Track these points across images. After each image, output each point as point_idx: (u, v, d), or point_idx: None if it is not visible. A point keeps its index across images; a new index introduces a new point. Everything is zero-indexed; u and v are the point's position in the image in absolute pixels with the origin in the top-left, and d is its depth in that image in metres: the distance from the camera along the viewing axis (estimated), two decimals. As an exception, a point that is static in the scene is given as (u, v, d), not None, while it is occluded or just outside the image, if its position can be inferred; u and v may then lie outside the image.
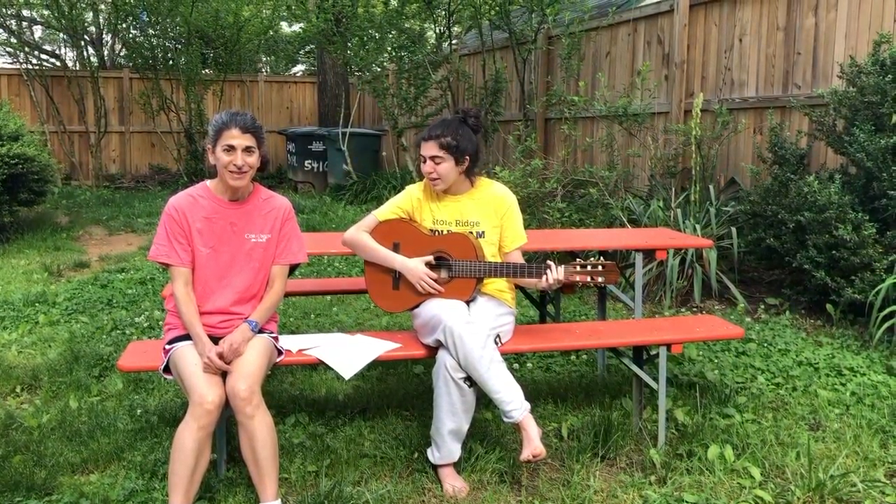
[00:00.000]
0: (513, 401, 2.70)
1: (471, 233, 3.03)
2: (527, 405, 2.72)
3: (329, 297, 5.42)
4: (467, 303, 2.97)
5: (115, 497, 2.67)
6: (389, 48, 10.31)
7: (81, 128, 12.78)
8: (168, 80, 12.75)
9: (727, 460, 2.92)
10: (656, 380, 3.16)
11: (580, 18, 7.72)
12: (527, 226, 3.34)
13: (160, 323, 4.68)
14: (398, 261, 3.00)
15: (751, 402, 3.52)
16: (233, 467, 2.87)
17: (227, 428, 2.86)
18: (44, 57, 13.94)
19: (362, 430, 3.23)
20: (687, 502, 2.67)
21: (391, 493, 2.73)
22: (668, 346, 3.11)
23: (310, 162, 11.83)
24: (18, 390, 3.74)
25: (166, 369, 2.70)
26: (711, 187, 5.76)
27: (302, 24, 11.85)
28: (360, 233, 3.08)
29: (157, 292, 5.56)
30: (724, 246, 5.36)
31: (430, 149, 2.99)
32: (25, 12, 13.77)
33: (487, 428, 3.24)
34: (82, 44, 13.37)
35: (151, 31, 12.70)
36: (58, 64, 13.43)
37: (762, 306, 5.02)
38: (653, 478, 2.86)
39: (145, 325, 4.73)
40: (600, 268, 2.83)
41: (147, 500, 2.66)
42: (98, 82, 12.50)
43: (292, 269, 2.94)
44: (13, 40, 12.62)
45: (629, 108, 6.37)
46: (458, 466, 2.87)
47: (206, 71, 13.48)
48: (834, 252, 4.47)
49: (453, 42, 10.53)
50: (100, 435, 3.15)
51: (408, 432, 3.17)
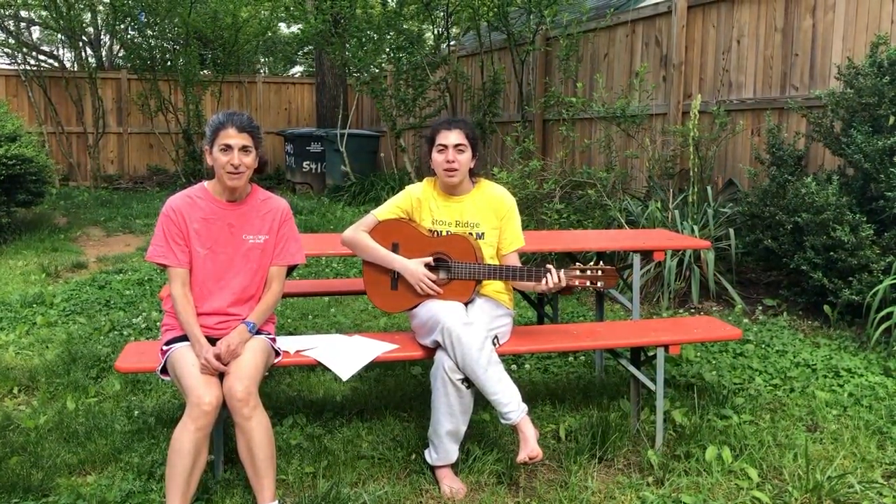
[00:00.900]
0: (510, 402, 2.70)
1: (470, 234, 3.03)
2: (524, 407, 2.72)
3: (327, 299, 5.42)
4: (465, 304, 2.97)
5: (113, 498, 2.66)
6: (387, 49, 10.31)
7: (79, 129, 12.76)
8: (166, 80, 12.74)
9: (725, 461, 2.92)
10: (654, 381, 3.16)
11: (578, 20, 7.72)
12: (525, 227, 3.34)
13: (158, 324, 4.68)
14: (397, 261, 3.00)
15: (748, 404, 3.52)
16: (230, 468, 2.87)
17: (224, 429, 2.86)
18: (42, 58, 13.92)
19: (360, 431, 3.22)
20: (684, 503, 2.68)
21: (389, 494, 2.73)
22: (666, 347, 3.11)
23: (308, 163, 11.83)
24: (16, 391, 3.73)
25: (164, 370, 2.70)
26: (709, 188, 5.77)
27: (300, 25, 11.84)
28: (359, 232, 3.08)
29: (154, 293, 5.56)
30: (722, 247, 5.37)
31: (457, 137, 2.98)
32: (23, 13, 13.76)
33: (485, 429, 3.24)
34: (80, 45, 13.35)
35: (149, 32, 12.68)
36: (56, 65, 13.41)
37: (760, 307, 5.03)
38: (650, 479, 2.86)
39: (143, 326, 4.72)
40: (599, 272, 2.84)
41: (144, 501, 2.66)
42: (96, 83, 12.48)
43: (290, 269, 2.94)
44: (11, 41, 12.60)
45: (627, 110, 6.37)
46: (455, 467, 2.87)
47: (205, 72, 13.47)
48: (831, 253, 4.47)
49: (451, 43, 10.53)
50: (97, 436, 3.14)
51: (405, 433, 3.17)
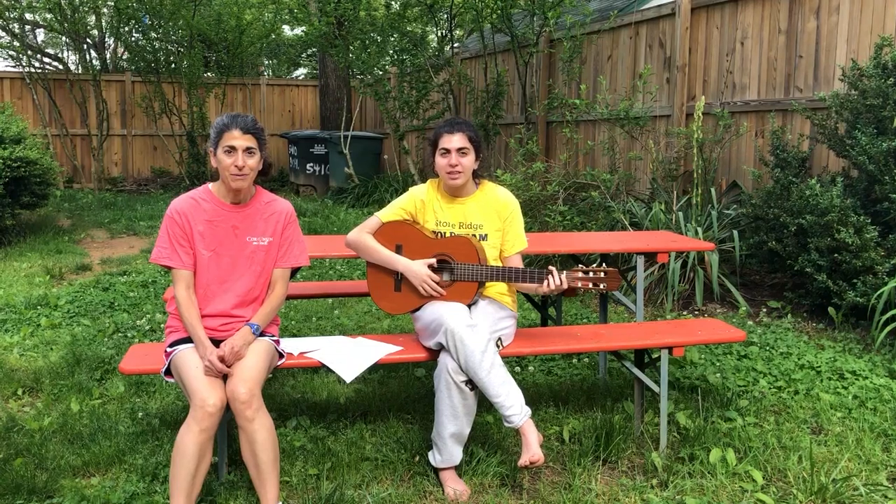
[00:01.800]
0: (513, 405, 2.69)
1: (474, 235, 3.03)
2: (527, 410, 2.72)
3: (330, 300, 5.43)
4: (469, 306, 2.97)
5: (117, 500, 2.66)
6: (391, 51, 10.33)
7: (83, 131, 12.80)
8: (170, 83, 12.78)
9: (729, 464, 2.91)
10: (658, 383, 3.16)
11: (581, 22, 7.73)
12: (528, 229, 3.35)
13: (162, 326, 4.69)
14: (401, 263, 3.00)
15: (752, 406, 3.52)
16: (234, 470, 2.87)
17: (228, 431, 2.86)
18: (46, 60, 13.97)
19: (363, 433, 3.22)
20: (689, 506, 2.67)
21: (392, 496, 2.73)
22: (670, 349, 3.11)
23: (311, 165, 11.85)
24: (20, 393, 3.74)
25: (168, 372, 2.70)
26: (713, 190, 5.76)
27: (304, 28, 11.87)
28: (363, 234, 3.08)
29: (158, 295, 5.57)
30: (726, 249, 5.36)
31: (460, 140, 2.99)
32: (28, 16, 13.81)
33: (489, 431, 3.24)
34: (84, 47, 13.42)
35: (153, 35, 12.72)
36: (60, 67, 13.45)
37: (764, 310, 5.02)
38: (654, 481, 2.85)
39: (147, 328, 4.73)
40: (602, 274, 2.84)
41: (148, 503, 2.66)
42: (100, 86, 12.53)
43: (294, 271, 2.94)
44: (16, 44, 12.65)
45: (630, 112, 6.37)
46: (459, 470, 2.87)
47: (208, 74, 13.51)
48: (836, 255, 4.47)
49: (455, 45, 10.55)
50: (101, 438, 3.15)
51: (409, 435, 3.17)
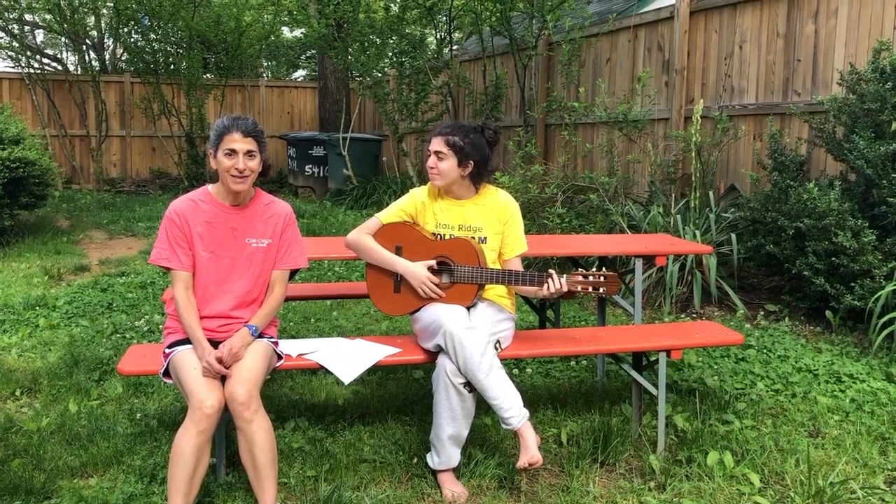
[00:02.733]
0: (511, 408, 2.70)
1: (473, 238, 3.04)
2: (525, 412, 2.72)
3: (329, 302, 5.43)
4: (468, 308, 2.97)
5: (115, 501, 2.66)
6: (390, 53, 10.34)
7: (82, 132, 12.80)
8: (169, 84, 12.78)
9: (726, 467, 2.92)
10: (656, 386, 3.16)
11: (580, 25, 7.74)
12: (527, 231, 3.35)
13: (160, 327, 4.69)
14: (400, 264, 3.01)
15: (750, 409, 3.52)
16: (232, 471, 2.87)
17: (226, 432, 2.86)
18: (45, 61, 13.96)
19: (362, 434, 3.23)
20: (686, 508, 2.68)
21: (390, 498, 2.73)
22: (668, 352, 3.11)
23: (310, 167, 11.85)
24: (18, 394, 3.74)
25: (166, 373, 2.70)
26: (711, 193, 5.77)
27: (303, 30, 11.88)
28: (362, 235, 3.09)
29: (157, 296, 5.57)
30: (724, 252, 5.37)
31: (436, 144, 3.04)
32: (27, 16, 13.80)
33: (487, 433, 3.24)
34: (84, 48, 13.40)
35: (153, 36, 12.73)
36: (59, 68, 13.44)
37: (762, 313, 5.02)
38: (652, 484, 2.86)
39: (145, 329, 4.73)
40: (601, 278, 2.84)
41: (146, 504, 2.67)
42: (99, 86, 12.52)
43: (292, 273, 2.95)
44: (15, 44, 12.64)
45: (629, 115, 6.38)
46: (457, 472, 2.87)
47: (208, 76, 13.50)
48: (833, 259, 4.47)
49: (454, 48, 10.56)
50: (99, 439, 3.15)
51: (407, 437, 3.17)
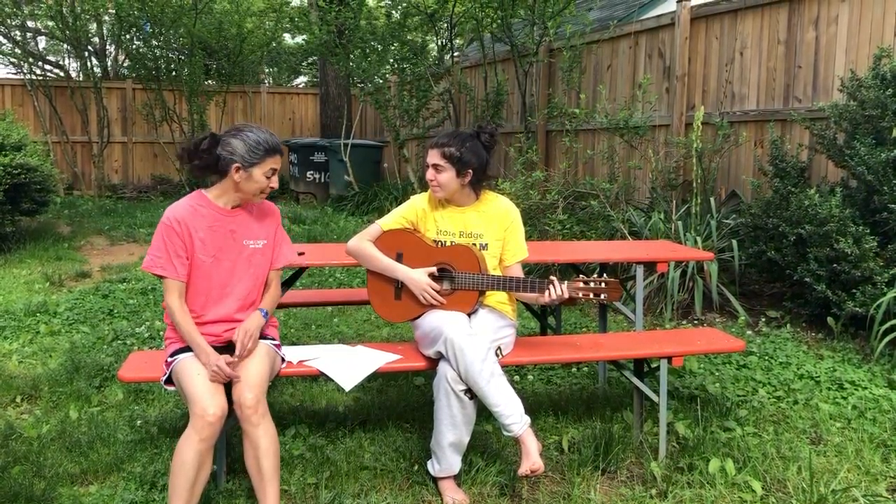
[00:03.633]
0: (512, 415, 2.69)
1: (474, 244, 3.04)
2: (527, 419, 2.72)
3: (330, 308, 5.42)
4: (469, 315, 2.97)
5: (115, 508, 2.66)
6: (391, 60, 10.37)
7: (84, 138, 12.82)
8: (171, 90, 12.80)
9: (728, 474, 2.91)
10: (657, 392, 3.16)
11: (581, 31, 7.75)
12: (528, 237, 3.35)
13: (161, 333, 4.68)
14: (401, 271, 3.01)
15: (752, 416, 3.51)
16: (232, 479, 2.86)
17: (227, 439, 2.86)
18: (47, 67, 13.99)
19: (362, 441, 3.22)
20: (688, 516, 2.67)
21: (391, 505, 2.72)
22: (669, 358, 3.11)
23: (311, 173, 11.86)
24: (18, 400, 3.74)
25: (168, 380, 2.70)
26: (712, 200, 5.77)
27: (304, 36, 11.91)
28: (363, 242, 3.09)
29: (158, 303, 5.57)
30: (725, 258, 5.36)
31: (433, 156, 3.02)
32: (30, 23, 13.84)
33: (488, 440, 3.23)
34: (86, 54, 13.43)
35: (154, 42, 12.75)
36: (61, 74, 13.47)
37: (763, 319, 5.02)
38: (653, 491, 2.85)
39: (146, 335, 4.73)
40: (603, 285, 2.83)
41: (146, 511, 2.66)
42: (101, 93, 12.55)
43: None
44: (17, 51, 12.67)
45: (630, 121, 6.39)
46: (458, 479, 2.86)
47: (209, 82, 13.53)
48: (835, 265, 4.47)
49: (455, 54, 10.58)
50: (99, 446, 3.14)
51: (408, 444, 3.17)
